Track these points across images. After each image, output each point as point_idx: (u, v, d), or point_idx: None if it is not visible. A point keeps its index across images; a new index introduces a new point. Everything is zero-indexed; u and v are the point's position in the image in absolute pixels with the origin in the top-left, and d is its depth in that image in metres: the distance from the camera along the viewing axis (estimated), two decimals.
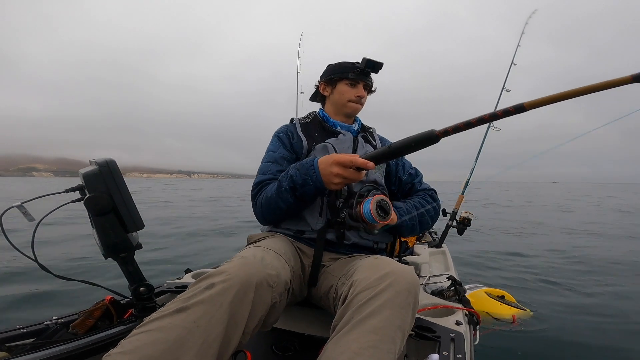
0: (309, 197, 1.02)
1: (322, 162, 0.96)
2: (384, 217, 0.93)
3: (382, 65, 1.23)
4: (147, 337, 0.65)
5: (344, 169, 0.91)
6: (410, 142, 0.83)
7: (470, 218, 2.51)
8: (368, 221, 0.93)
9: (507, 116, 0.72)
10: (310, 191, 0.99)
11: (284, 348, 1.01)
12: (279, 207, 1.07)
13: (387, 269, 0.82)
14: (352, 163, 0.90)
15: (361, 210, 0.93)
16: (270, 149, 1.26)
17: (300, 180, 0.99)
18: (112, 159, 0.96)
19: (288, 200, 1.04)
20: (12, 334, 0.92)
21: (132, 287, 1.03)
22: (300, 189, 1.00)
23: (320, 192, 1.00)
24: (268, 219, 1.16)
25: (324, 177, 0.95)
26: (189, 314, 0.68)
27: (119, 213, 0.94)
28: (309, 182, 0.97)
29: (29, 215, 0.96)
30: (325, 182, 0.95)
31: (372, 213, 0.91)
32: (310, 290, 1.10)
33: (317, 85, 1.35)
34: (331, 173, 0.93)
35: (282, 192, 1.04)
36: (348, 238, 1.12)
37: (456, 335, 1.00)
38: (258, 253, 0.87)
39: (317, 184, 0.96)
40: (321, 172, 0.96)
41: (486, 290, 2.44)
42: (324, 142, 1.20)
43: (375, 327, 0.72)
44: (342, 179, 0.93)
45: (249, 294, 0.75)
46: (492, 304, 2.30)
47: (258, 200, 1.15)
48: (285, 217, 1.13)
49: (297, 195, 1.02)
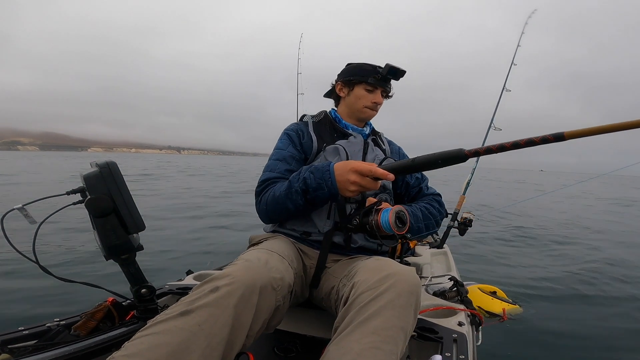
0: (321, 201, 1.00)
1: (339, 169, 0.94)
2: (402, 227, 0.93)
3: (405, 73, 1.19)
4: (151, 340, 0.65)
5: (361, 178, 0.90)
6: (436, 159, 0.80)
7: (471, 219, 2.51)
8: (385, 231, 0.93)
9: (545, 144, 0.68)
10: (323, 196, 0.97)
11: (285, 349, 1.01)
12: (287, 207, 1.05)
13: (389, 270, 0.82)
14: (372, 173, 0.88)
15: (379, 220, 0.92)
16: (279, 146, 1.23)
17: (314, 184, 0.97)
18: (113, 161, 0.97)
19: (297, 203, 1.02)
20: (13, 335, 0.92)
21: (133, 289, 1.03)
22: (313, 192, 0.98)
23: (334, 197, 0.98)
24: (272, 218, 1.15)
25: (340, 183, 0.93)
26: (193, 317, 0.68)
27: (120, 214, 0.94)
28: (323, 186, 0.95)
29: (30, 217, 0.96)
30: (340, 189, 0.94)
31: (390, 224, 0.91)
32: (311, 292, 1.09)
33: (334, 84, 1.31)
34: (348, 180, 0.91)
35: (292, 194, 1.02)
36: (355, 241, 1.12)
37: (459, 336, 1.00)
38: (262, 256, 0.87)
39: (331, 190, 0.95)
40: (337, 177, 0.94)
41: (479, 286, 2.50)
42: (334, 143, 1.19)
43: (377, 328, 0.72)
44: (358, 187, 0.91)
45: (254, 297, 0.75)
46: (484, 298, 2.38)
47: (263, 198, 1.13)
48: (290, 218, 1.12)
49: (309, 199, 1.00)
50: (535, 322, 2.28)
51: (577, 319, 2.41)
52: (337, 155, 1.15)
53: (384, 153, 1.26)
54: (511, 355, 1.91)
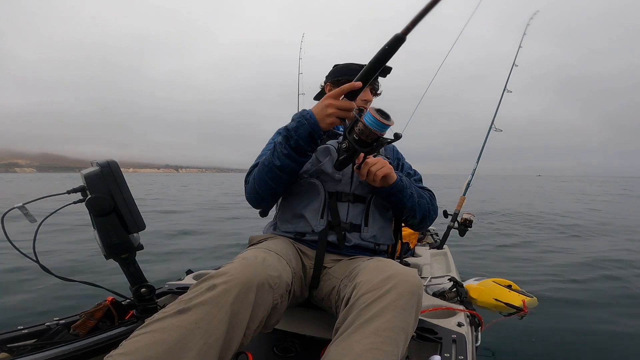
0: (304, 141, 0.97)
1: (315, 106, 0.98)
2: (388, 118, 0.92)
3: (391, 69, 1.21)
4: (148, 338, 0.65)
5: (334, 100, 0.93)
6: (382, 50, 0.86)
7: (471, 219, 2.51)
8: (373, 129, 0.91)
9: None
10: (305, 132, 0.95)
11: (285, 349, 1.01)
12: (273, 169, 1.02)
13: (391, 271, 0.82)
14: (341, 91, 0.92)
15: (363, 121, 0.92)
16: (271, 140, 1.26)
17: (294, 125, 0.97)
18: (114, 160, 0.97)
19: (282, 153, 1.00)
20: (13, 334, 0.92)
21: (133, 288, 1.03)
22: (295, 133, 0.97)
23: (315, 131, 0.96)
24: (260, 192, 1.10)
25: (317, 114, 0.95)
26: (190, 315, 0.68)
27: (120, 214, 0.94)
28: (303, 122, 0.96)
29: (30, 216, 0.96)
30: (320, 120, 0.95)
31: (376, 117, 0.90)
32: (311, 292, 1.09)
33: (323, 85, 1.34)
34: (323, 107, 0.94)
35: (276, 149, 1.02)
36: (349, 240, 1.12)
37: (458, 336, 1.00)
38: (260, 254, 0.87)
39: (311, 122, 0.95)
40: (314, 111, 0.96)
41: (494, 280, 2.52)
42: (325, 143, 1.20)
43: (378, 329, 0.72)
44: (334, 109, 0.93)
45: (250, 295, 0.75)
46: (502, 290, 2.41)
47: (251, 178, 1.13)
48: (279, 182, 1.06)
49: (292, 145, 0.98)
50: (541, 322, 2.28)
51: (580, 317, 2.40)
52: (328, 155, 1.16)
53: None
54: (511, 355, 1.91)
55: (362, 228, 1.13)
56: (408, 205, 1.15)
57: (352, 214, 1.13)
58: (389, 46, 0.85)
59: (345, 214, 1.13)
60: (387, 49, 0.85)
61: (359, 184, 1.15)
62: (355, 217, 1.13)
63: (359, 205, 1.15)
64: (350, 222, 1.13)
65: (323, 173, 1.14)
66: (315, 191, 1.13)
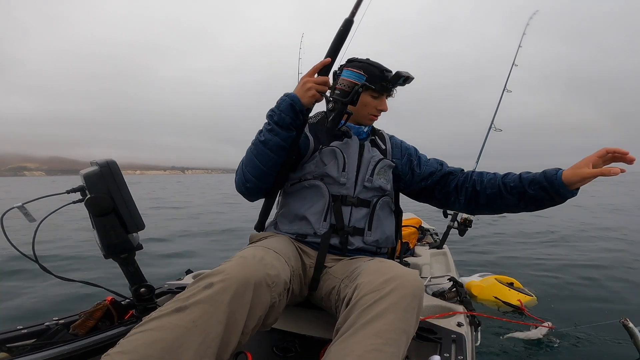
0: (286, 113, 1.00)
1: (295, 87, 1.07)
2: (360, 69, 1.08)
3: (413, 79, 1.15)
4: (145, 337, 0.65)
5: (311, 77, 1.04)
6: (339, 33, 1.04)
7: (471, 219, 2.51)
8: (351, 79, 1.07)
9: None
10: (286, 106, 1.01)
11: (284, 349, 1.01)
12: (257, 142, 1.03)
13: (392, 272, 0.82)
14: (315, 69, 1.05)
15: (341, 76, 1.08)
16: None
17: (277, 104, 1.03)
18: (113, 160, 0.97)
19: (266, 129, 1.03)
20: (12, 334, 0.92)
21: (132, 288, 1.03)
22: (277, 109, 1.02)
23: (296, 104, 1.01)
24: (246, 171, 1.07)
25: (298, 92, 1.03)
26: (188, 314, 0.68)
27: (119, 214, 0.94)
28: (284, 98, 1.02)
29: (30, 215, 0.96)
30: (301, 96, 1.02)
31: (350, 69, 1.07)
32: (310, 292, 1.09)
33: None
34: (302, 84, 1.03)
35: (262, 130, 1.05)
36: (351, 243, 1.11)
37: (457, 336, 1.00)
38: (258, 253, 0.87)
39: (291, 96, 1.02)
40: (295, 91, 1.04)
41: (496, 277, 2.52)
42: (329, 144, 1.16)
43: (379, 330, 0.72)
44: (312, 84, 1.02)
45: (248, 293, 0.75)
46: (502, 289, 2.40)
47: (240, 162, 1.11)
48: (265, 160, 1.04)
49: (275, 120, 1.02)
50: (552, 313, 2.28)
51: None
52: (334, 157, 1.14)
53: (383, 153, 1.24)
54: (511, 355, 1.90)
55: (365, 232, 1.13)
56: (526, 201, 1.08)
57: (355, 218, 1.12)
58: (344, 27, 1.04)
59: (347, 218, 1.12)
60: (343, 30, 1.04)
61: (363, 188, 1.14)
62: (358, 221, 1.12)
63: (363, 209, 1.14)
64: (353, 226, 1.12)
65: (327, 176, 1.12)
66: (319, 193, 1.12)
